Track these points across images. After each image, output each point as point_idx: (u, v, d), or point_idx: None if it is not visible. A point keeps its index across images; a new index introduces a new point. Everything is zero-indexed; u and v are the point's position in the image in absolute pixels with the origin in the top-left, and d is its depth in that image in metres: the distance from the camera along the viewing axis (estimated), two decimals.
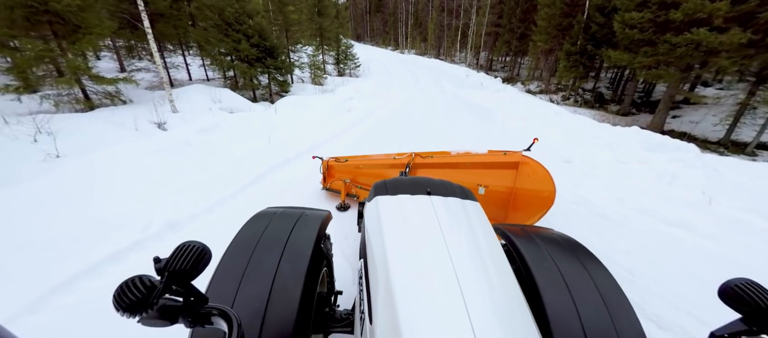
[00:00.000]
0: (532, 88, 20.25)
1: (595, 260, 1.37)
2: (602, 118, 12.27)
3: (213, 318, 0.71)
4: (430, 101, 11.11)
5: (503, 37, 24.84)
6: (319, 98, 10.29)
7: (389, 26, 54.42)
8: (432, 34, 35.27)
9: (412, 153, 3.40)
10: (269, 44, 9.93)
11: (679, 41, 7.92)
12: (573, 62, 14.75)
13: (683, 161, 5.88)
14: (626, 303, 1.15)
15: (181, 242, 0.69)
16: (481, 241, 1.17)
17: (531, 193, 2.82)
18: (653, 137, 6.46)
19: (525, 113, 9.49)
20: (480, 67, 28.32)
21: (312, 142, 5.90)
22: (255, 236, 1.40)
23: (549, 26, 18.08)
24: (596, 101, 15.80)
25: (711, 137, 10.66)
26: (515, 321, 0.87)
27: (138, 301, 0.58)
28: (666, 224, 3.83)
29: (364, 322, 1.06)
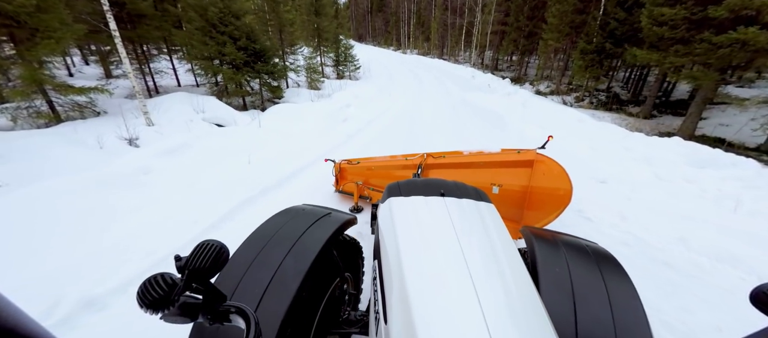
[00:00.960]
0: (541, 88, 19.27)
1: (621, 274, 1.32)
2: (625, 122, 11.30)
3: (231, 315, 0.72)
4: (435, 106, 10.22)
5: (510, 35, 23.87)
6: (313, 105, 9.45)
7: (391, 26, 53.59)
8: (435, 34, 34.36)
9: (424, 154, 3.36)
10: (259, 47, 9.11)
11: (721, 40, 6.97)
12: (589, 61, 13.78)
13: (742, 181, 4.95)
14: (642, 321, 1.11)
15: (199, 241, 0.70)
16: (496, 243, 1.14)
17: (546, 191, 2.72)
18: (700, 150, 5.52)
19: (542, 119, 8.57)
20: (485, 67, 27.36)
21: (299, 162, 5.05)
22: (272, 229, 1.45)
23: (561, 24, 17.12)
24: (613, 102, 14.80)
25: (748, 142, 9.65)
26: (531, 323, 0.84)
27: (160, 298, 0.61)
28: (758, 279, 2.92)
29: (378, 322, 1.06)
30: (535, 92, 18.44)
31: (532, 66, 26.09)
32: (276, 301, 1.11)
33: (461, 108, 10.10)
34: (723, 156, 5.20)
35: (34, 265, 2.55)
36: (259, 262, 1.26)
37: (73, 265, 2.59)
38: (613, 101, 14.93)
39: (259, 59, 9.39)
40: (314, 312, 1.33)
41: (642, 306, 1.18)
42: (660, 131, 10.49)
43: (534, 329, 0.84)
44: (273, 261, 1.25)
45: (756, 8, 6.41)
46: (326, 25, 16.14)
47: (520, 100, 10.43)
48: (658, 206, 4.33)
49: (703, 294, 2.72)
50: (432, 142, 6.34)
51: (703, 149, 5.47)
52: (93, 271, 2.53)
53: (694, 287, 2.82)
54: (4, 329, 0.37)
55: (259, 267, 1.23)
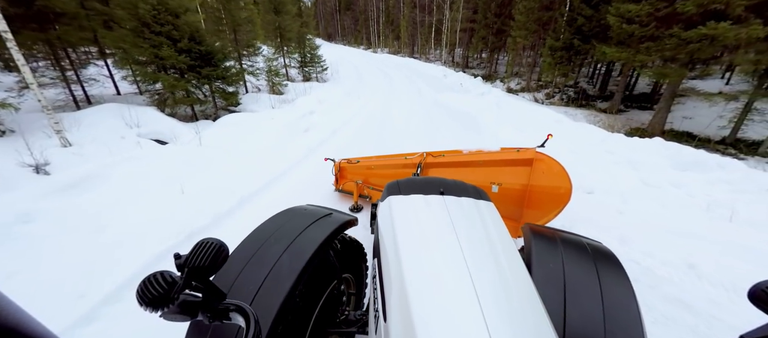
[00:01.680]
0: (512, 85, 19.33)
1: (619, 273, 1.32)
2: (597, 119, 11.30)
3: (231, 313, 0.73)
4: (406, 109, 9.60)
5: (479, 33, 23.88)
6: (273, 113, 8.51)
7: (360, 25, 52.71)
8: (405, 32, 33.97)
9: (424, 153, 3.37)
10: (205, 49, 8.02)
11: (691, 36, 6.89)
12: (558, 58, 13.78)
13: (730, 184, 4.70)
14: (635, 319, 1.12)
15: (199, 240, 0.70)
16: (495, 242, 1.15)
17: (546, 190, 2.74)
18: (684, 152, 5.27)
19: (517, 120, 8.20)
20: (456, 64, 27.30)
21: (246, 189, 4.19)
22: (272, 228, 1.47)
23: (528, 21, 17.17)
24: (581, 97, 14.99)
25: (713, 135, 9.90)
26: (530, 322, 0.85)
27: (160, 296, 0.61)
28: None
29: (378, 320, 1.06)
30: (507, 89, 18.43)
31: (502, 63, 26.35)
32: (269, 299, 1.11)
33: (434, 110, 9.56)
34: (708, 158, 4.96)
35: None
36: (257, 260, 1.26)
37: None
38: (581, 96, 15.11)
39: (208, 63, 8.29)
40: (310, 312, 1.33)
41: (637, 304, 1.19)
42: (632, 127, 10.57)
43: (533, 327, 0.83)
44: (270, 259, 1.26)
45: (725, 2, 6.37)
46: (288, 24, 15.08)
47: (493, 100, 10.06)
48: (652, 220, 3.93)
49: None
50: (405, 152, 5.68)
51: (686, 150, 5.23)
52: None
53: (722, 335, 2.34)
54: (5, 328, 0.38)
55: (256, 265, 1.24)
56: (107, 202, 3.71)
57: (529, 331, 0.82)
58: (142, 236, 3.14)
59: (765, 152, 8.24)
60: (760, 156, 8.22)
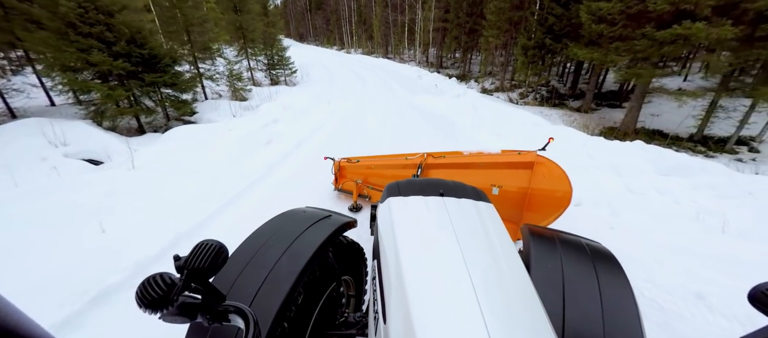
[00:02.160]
0: (486, 85, 19.35)
1: (618, 273, 1.32)
2: (571, 118, 11.31)
3: (230, 315, 0.73)
4: (380, 114, 9.07)
5: (452, 32, 23.84)
6: (232, 123, 7.71)
7: (332, 25, 51.70)
8: (377, 32, 33.50)
9: (425, 154, 3.37)
10: (148, 52, 7.07)
11: (664, 36, 6.87)
12: (531, 58, 13.80)
13: (714, 189, 4.54)
14: (633, 319, 1.12)
15: (199, 241, 0.70)
16: (495, 243, 1.15)
17: (546, 193, 2.71)
18: (665, 155, 5.11)
19: (495, 123, 7.90)
20: (430, 64, 27.18)
21: (186, 222, 3.47)
22: (271, 230, 1.48)
23: (499, 20, 17.19)
24: (553, 96, 15.15)
25: (682, 133, 10.14)
26: (530, 324, 0.85)
27: (159, 298, 0.61)
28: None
29: (377, 322, 1.06)
30: (481, 89, 18.41)
31: (476, 63, 26.53)
32: (268, 300, 1.11)
33: (409, 114, 9.10)
34: (691, 162, 4.80)
35: None
36: (256, 262, 1.27)
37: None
38: (554, 95, 15.28)
39: (153, 68, 7.34)
40: (309, 313, 1.33)
41: (636, 304, 1.19)
42: (605, 126, 10.66)
43: (532, 330, 0.83)
44: (269, 261, 1.26)
45: (694, 2, 6.37)
46: (251, 23, 14.11)
47: (470, 102, 9.76)
48: (646, 236, 3.64)
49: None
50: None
51: (668, 153, 5.07)
52: None
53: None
54: (4, 330, 0.38)
55: (255, 267, 1.24)
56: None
57: (529, 333, 0.81)
58: (35, 301, 2.38)
59: (732, 149, 8.48)
60: (728, 153, 8.45)
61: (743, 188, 4.53)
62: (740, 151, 8.55)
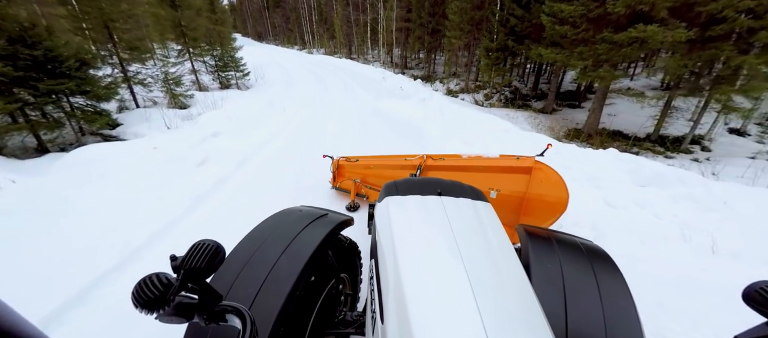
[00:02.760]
0: (452, 86, 19.22)
1: (614, 272, 1.34)
2: (536, 120, 11.26)
3: (227, 315, 0.73)
4: (342, 123, 8.25)
5: (415, 32, 23.55)
6: (161, 138, 6.48)
7: (292, 23, 49.61)
8: (339, 31, 32.46)
9: (424, 155, 3.39)
10: (43, 53, 5.67)
11: (622, 39, 6.81)
12: (494, 59, 13.70)
13: (694, 201, 4.31)
14: (632, 318, 1.14)
15: (195, 241, 0.70)
16: (492, 242, 1.16)
17: (543, 199, 2.75)
18: (640, 163, 4.86)
19: (463, 130, 7.43)
20: (395, 65, 26.75)
21: (62, 292, 2.45)
22: (268, 229, 1.48)
23: (461, 21, 17.06)
24: (517, 97, 15.27)
25: (639, 132, 10.44)
26: (528, 323, 0.85)
27: (155, 298, 0.60)
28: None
29: (375, 322, 1.07)
30: (447, 90, 18.20)
31: (440, 63, 26.52)
32: (270, 300, 1.11)
33: (373, 122, 8.38)
34: (668, 172, 4.57)
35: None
36: (254, 261, 1.26)
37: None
38: (517, 96, 15.39)
39: (51, 72, 5.92)
40: (309, 312, 1.33)
41: (634, 303, 1.19)
42: (569, 128, 10.71)
43: (531, 328, 0.83)
44: (268, 261, 1.26)
45: (651, 3, 6.36)
46: (193, 21, 12.59)
47: (436, 106, 9.26)
48: (638, 265, 3.23)
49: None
50: (329, 193, 4.32)
51: (643, 162, 4.83)
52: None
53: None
54: (1, 332, 0.38)
55: (254, 267, 1.24)
56: None
57: (526, 333, 0.81)
58: None
59: (687, 149, 8.78)
60: (684, 153, 8.74)
61: (718, 197, 4.36)
62: (694, 150, 8.90)
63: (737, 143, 9.43)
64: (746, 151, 8.86)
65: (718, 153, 8.73)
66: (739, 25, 6.21)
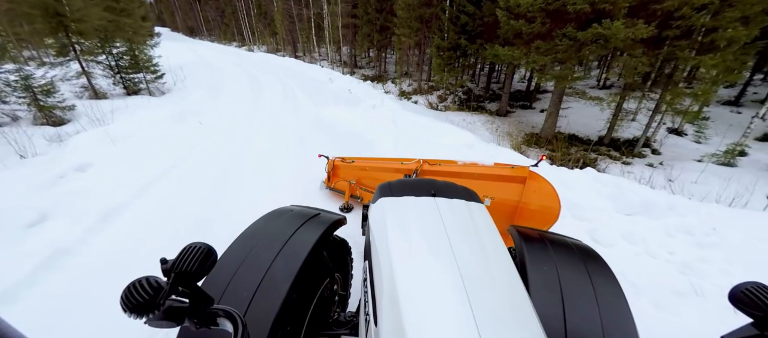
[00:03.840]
0: (405, 87, 18.42)
1: (607, 272, 1.37)
2: (494, 126, 10.77)
3: (219, 319, 0.72)
4: (274, 140, 6.75)
5: (362, 29, 22.34)
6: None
7: (228, 17, 45.30)
8: (281, 27, 30.02)
9: (421, 159, 3.45)
10: None
11: (586, 36, 6.37)
12: (447, 59, 13.05)
13: (690, 233, 3.72)
14: (627, 318, 1.16)
15: (186, 244, 0.70)
16: (486, 243, 1.16)
17: (536, 208, 2.80)
18: (623, 188, 4.21)
19: (422, 143, 6.41)
20: (344, 64, 25.32)
21: None
22: (260, 231, 1.46)
23: (410, 17, 16.23)
24: (471, 99, 14.89)
25: (592, 135, 10.44)
26: (522, 325, 0.86)
27: (145, 302, 0.59)
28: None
29: (368, 324, 1.06)
30: (399, 92, 17.32)
31: (391, 62, 25.67)
32: (266, 304, 1.09)
33: (313, 137, 7.01)
34: (658, 199, 3.95)
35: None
36: (248, 264, 1.25)
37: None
38: (471, 98, 15.01)
39: None
40: (304, 314, 1.32)
41: (627, 303, 1.21)
42: (526, 133, 10.36)
43: (524, 330, 0.84)
44: (262, 263, 1.24)
45: (612, 1, 5.97)
46: (80, 11, 9.97)
47: (388, 114, 8.18)
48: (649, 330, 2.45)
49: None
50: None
51: (626, 186, 4.19)
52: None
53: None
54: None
55: (248, 270, 1.22)
56: None
57: (521, 334, 0.82)
58: None
59: (640, 153, 8.82)
60: (638, 157, 8.75)
61: (708, 224, 3.84)
62: (646, 154, 8.99)
63: (680, 144, 9.83)
64: (689, 152, 9.22)
65: (667, 156, 8.93)
66: (695, 22, 6.10)
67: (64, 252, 3.10)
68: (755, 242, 3.59)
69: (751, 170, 7.56)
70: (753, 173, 7.34)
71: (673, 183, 6.88)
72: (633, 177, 6.96)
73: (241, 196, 4.33)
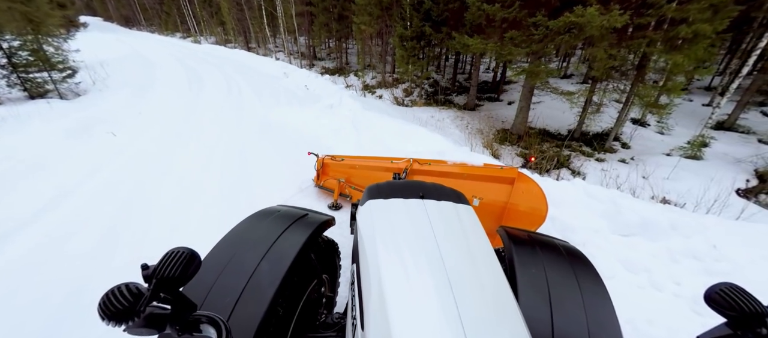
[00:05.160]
0: (368, 81, 17.45)
1: (592, 273, 1.40)
2: (464, 122, 10.22)
3: (202, 325, 0.72)
4: (205, 157, 5.55)
5: (319, 19, 20.89)
6: None
7: (168, 5, 41.05)
8: (228, 16, 27.52)
9: (411, 159, 3.44)
10: None
11: (558, 25, 5.87)
12: (411, 49, 12.28)
13: (697, 259, 3.29)
14: (612, 319, 1.19)
15: (169, 249, 0.69)
16: (473, 245, 1.17)
17: (523, 210, 2.83)
18: (618, 204, 3.68)
19: (386, 150, 5.59)
20: (302, 56, 23.70)
21: None
22: (245, 233, 1.44)
23: (368, 4, 15.18)
24: (439, 92, 14.31)
25: (561, 129, 10.25)
26: (508, 327, 0.87)
27: (124, 309, 0.58)
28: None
29: (355, 328, 1.07)
30: (363, 85, 16.34)
31: (353, 53, 24.48)
32: (250, 309, 1.08)
33: (259, 146, 5.92)
34: (655, 216, 3.46)
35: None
36: (232, 268, 1.22)
37: None
38: (438, 91, 14.44)
39: None
40: (290, 318, 1.32)
41: (612, 303, 1.25)
42: (498, 129, 9.93)
43: (510, 333, 0.85)
44: (247, 267, 1.22)
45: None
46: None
47: (348, 115, 7.26)
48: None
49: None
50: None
51: (619, 201, 3.68)
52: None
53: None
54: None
55: (232, 274, 1.20)
56: None
57: (506, 335, 0.83)
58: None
59: (611, 148, 8.70)
60: (609, 152, 8.62)
61: (707, 241, 3.43)
62: (617, 148, 8.90)
63: (645, 136, 9.94)
64: (656, 144, 9.32)
65: (636, 150, 8.92)
66: (666, 12, 5.83)
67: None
68: (760, 261, 3.22)
69: (717, 163, 7.69)
70: (719, 166, 7.45)
71: (647, 180, 6.70)
72: (608, 175, 6.68)
73: (143, 248, 3.24)
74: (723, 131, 9.96)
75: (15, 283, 2.72)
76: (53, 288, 2.67)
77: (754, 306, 0.67)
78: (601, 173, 6.93)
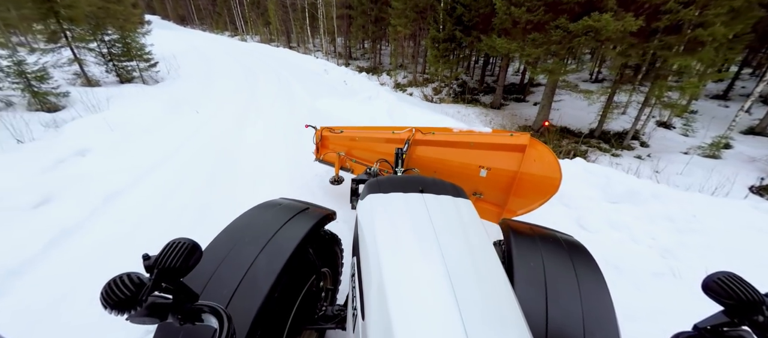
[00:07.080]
0: (400, 80, 18.46)
1: (593, 267, 1.39)
2: (488, 118, 10.93)
3: (203, 315, 0.72)
4: (269, 132, 6.81)
5: (357, 21, 22.20)
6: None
7: (220, 6, 44.49)
8: (274, 17, 29.64)
9: (413, 128, 3.17)
10: None
11: (577, 28, 6.52)
12: (443, 50, 13.12)
13: (671, 220, 3.96)
14: (609, 313, 1.19)
15: (171, 239, 0.69)
16: (472, 239, 1.19)
17: (536, 179, 2.64)
18: (611, 177, 4.42)
19: None
20: (339, 55, 25.19)
21: None
22: (246, 226, 1.45)
23: (406, 8, 16.21)
24: (466, 91, 15.02)
25: (583, 128, 10.67)
26: (506, 319, 0.88)
27: (126, 299, 0.59)
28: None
29: (356, 318, 1.08)
30: (395, 84, 17.37)
31: (386, 54, 25.60)
32: (246, 301, 1.10)
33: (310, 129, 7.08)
34: (639, 187, 4.17)
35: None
36: (231, 260, 1.25)
37: None
38: (466, 91, 15.15)
39: None
40: (288, 311, 1.32)
41: (610, 297, 1.25)
42: (519, 125, 10.55)
43: (509, 326, 0.86)
44: (245, 260, 1.24)
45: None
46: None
47: (384, 107, 8.30)
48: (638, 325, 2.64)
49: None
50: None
51: (614, 176, 4.40)
52: None
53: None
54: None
55: (230, 266, 1.22)
56: None
57: (505, 330, 0.84)
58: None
59: (629, 146, 9.08)
60: (626, 149, 9.01)
61: (689, 212, 4.07)
62: (635, 146, 9.25)
63: (668, 137, 10.12)
64: (677, 144, 9.51)
65: (655, 149, 9.20)
66: (683, 17, 6.26)
67: (65, 234, 3.19)
68: (735, 228, 3.81)
69: (734, 162, 7.87)
70: (736, 165, 7.64)
71: (659, 174, 7.14)
72: (621, 168, 7.21)
73: (238, 185, 4.44)
74: (753, 136, 9.90)
75: (161, 200, 3.98)
76: (188, 201, 3.91)
77: (752, 294, 0.67)
78: (612, 166, 7.41)
